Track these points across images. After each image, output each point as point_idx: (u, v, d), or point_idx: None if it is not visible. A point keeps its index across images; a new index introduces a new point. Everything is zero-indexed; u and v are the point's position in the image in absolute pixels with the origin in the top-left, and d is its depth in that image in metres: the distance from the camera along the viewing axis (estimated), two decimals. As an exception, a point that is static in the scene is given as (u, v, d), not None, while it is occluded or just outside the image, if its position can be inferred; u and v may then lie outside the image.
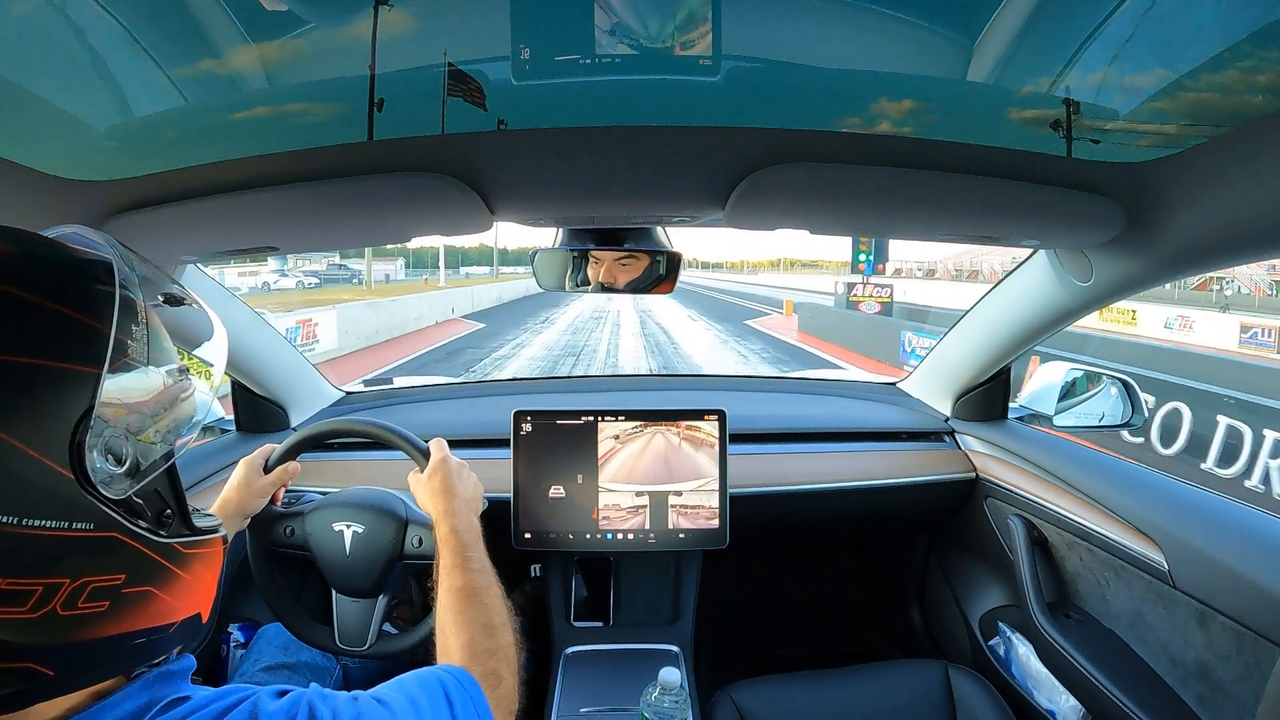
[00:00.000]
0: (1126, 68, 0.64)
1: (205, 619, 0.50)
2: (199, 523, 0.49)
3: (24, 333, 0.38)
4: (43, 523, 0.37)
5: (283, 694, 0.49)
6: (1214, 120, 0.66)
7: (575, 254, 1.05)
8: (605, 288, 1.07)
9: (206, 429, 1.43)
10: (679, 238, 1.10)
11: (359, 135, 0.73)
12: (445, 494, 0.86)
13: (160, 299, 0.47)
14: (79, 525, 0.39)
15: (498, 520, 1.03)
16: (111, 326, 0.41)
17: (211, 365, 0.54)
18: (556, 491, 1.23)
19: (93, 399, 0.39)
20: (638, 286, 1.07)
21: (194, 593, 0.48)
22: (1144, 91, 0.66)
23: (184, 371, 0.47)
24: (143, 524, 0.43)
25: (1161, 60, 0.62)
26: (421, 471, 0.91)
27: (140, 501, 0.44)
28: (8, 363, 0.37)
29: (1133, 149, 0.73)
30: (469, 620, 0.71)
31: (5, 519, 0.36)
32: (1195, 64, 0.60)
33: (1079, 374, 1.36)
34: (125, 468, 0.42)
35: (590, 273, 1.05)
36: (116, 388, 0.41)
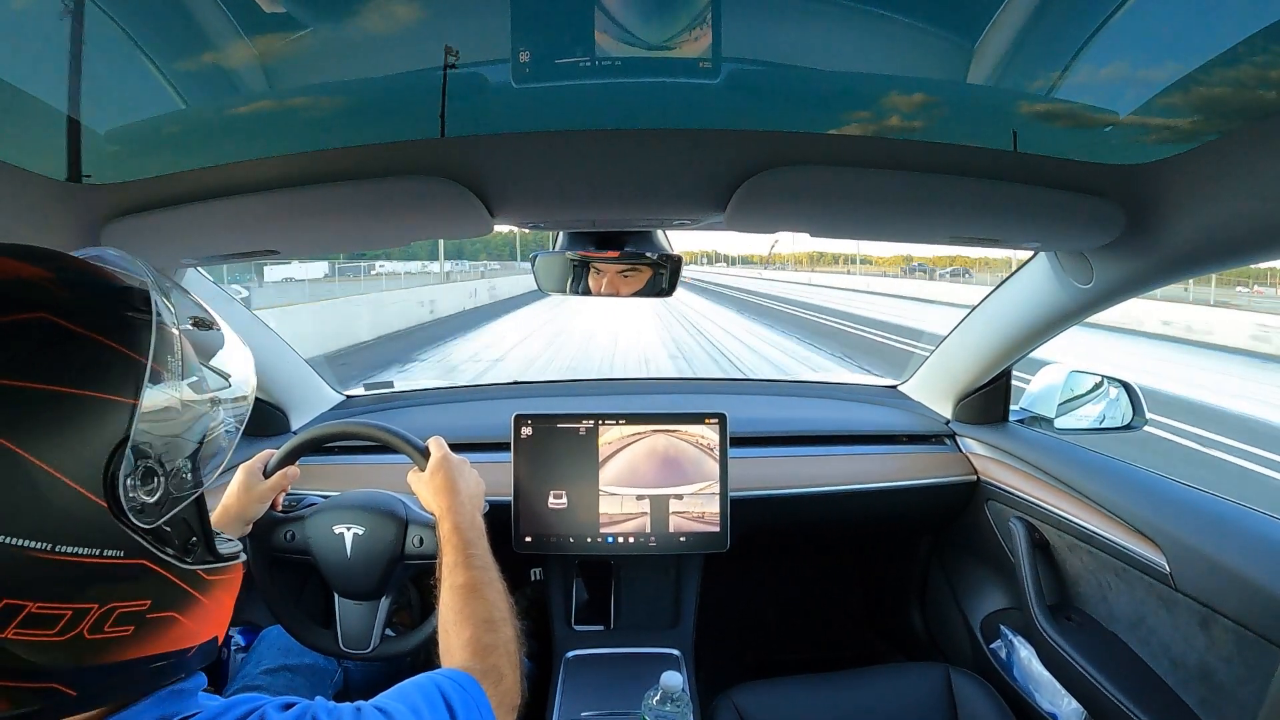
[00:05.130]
0: (1125, 70, 0.64)
1: (220, 642, 0.50)
2: (222, 549, 0.49)
3: (63, 362, 0.38)
4: (74, 549, 0.38)
5: (289, 706, 0.49)
6: (1214, 122, 0.66)
7: (576, 263, 1.05)
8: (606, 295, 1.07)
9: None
10: (692, 232, 1.09)
11: (359, 138, 0.73)
12: (447, 491, 0.86)
13: (190, 323, 0.47)
14: (109, 553, 0.39)
15: (498, 523, 1.03)
16: (148, 356, 0.41)
17: (240, 391, 0.52)
18: (557, 495, 1.23)
19: (128, 429, 0.40)
20: (639, 295, 1.07)
21: (213, 617, 0.48)
22: (1143, 93, 0.66)
23: (215, 402, 0.48)
24: (169, 551, 0.44)
25: (1159, 62, 0.62)
26: (422, 470, 0.91)
27: (169, 530, 0.44)
28: (46, 391, 0.37)
29: (1132, 151, 0.73)
30: (470, 616, 0.71)
31: (38, 545, 0.36)
32: (1194, 65, 0.60)
33: (1080, 376, 1.36)
34: (156, 497, 0.42)
35: (592, 283, 1.05)
36: (150, 418, 0.41)
